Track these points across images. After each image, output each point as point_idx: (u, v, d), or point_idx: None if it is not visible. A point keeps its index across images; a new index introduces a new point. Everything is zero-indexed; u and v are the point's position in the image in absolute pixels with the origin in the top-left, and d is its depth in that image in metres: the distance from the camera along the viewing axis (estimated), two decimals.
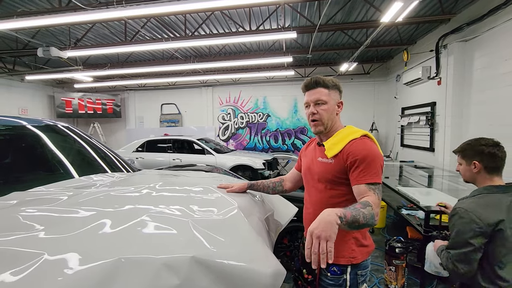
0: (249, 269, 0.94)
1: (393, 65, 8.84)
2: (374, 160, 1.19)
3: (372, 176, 1.17)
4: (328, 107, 1.30)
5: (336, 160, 1.26)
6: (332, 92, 1.32)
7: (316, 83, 1.31)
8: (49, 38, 6.28)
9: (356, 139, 1.24)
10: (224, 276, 0.91)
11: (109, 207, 1.22)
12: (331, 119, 1.31)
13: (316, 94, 1.31)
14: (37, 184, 1.68)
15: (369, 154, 1.19)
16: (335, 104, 1.33)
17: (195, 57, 7.73)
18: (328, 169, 1.28)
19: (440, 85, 5.80)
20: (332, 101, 1.32)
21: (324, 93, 1.30)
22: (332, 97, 1.32)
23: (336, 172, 1.25)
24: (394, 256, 2.64)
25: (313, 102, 1.31)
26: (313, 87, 1.32)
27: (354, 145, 1.23)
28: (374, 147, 1.23)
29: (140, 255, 0.88)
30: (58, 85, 10.59)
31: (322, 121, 1.30)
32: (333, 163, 1.27)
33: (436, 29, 6.07)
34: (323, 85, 1.31)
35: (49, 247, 0.88)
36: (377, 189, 1.16)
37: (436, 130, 6.10)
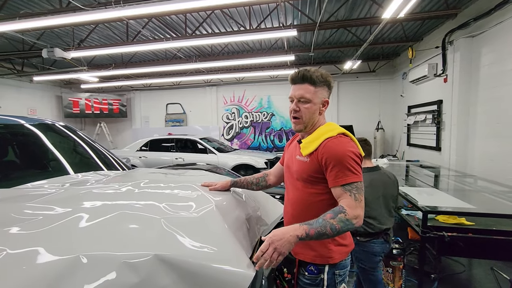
0: (215, 269, 0.92)
1: (400, 63, 8.67)
2: (348, 158, 1.13)
3: (347, 176, 1.12)
4: (311, 106, 1.23)
5: (311, 159, 1.21)
6: (319, 90, 1.24)
7: (303, 78, 1.23)
8: (54, 40, 6.40)
9: (331, 138, 1.19)
10: (189, 275, 0.89)
11: (85, 204, 1.22)
12: (312, 119, 1.26)
13: (301, 91, 1.24)
14: (30, 180, 1.71)
15: (343, 153, 1.14)
16: (319, 103, 1.26)
17: (198, 56, 7.75)
18: (304, 168, 1.24)
19: (447, 82, 5.65)
20: (317, 99, 1.25)
21: (310, 90, 1.23)
22: (317, 95, 1.24)
23: (311, 171, 1.21)
24: (391, 257, 2.57)
25: (297, 98, 1.25)
26: (299, 82, 1.24)
27: (328, 144, 1.18)
28: (349, 145, 1.18)
29: (102, 252, 0.87)
30: (66, 85, 10.80)
31: (303, 119, 1.25)
32: (308, 161, 1.23)
33: (443, 25, 5.91)
34: (310, 81, 1.23)
35: (13, 243, 0.88)
36: (354, 189, 1.12)
37: (443, 129, 5.94)
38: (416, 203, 2.61)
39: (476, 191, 3.65)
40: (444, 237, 2.29)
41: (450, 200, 2.94)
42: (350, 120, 9.36)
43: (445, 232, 2.32)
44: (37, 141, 2.28)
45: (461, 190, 3.69)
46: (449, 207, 2.62)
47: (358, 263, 2.24)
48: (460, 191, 3.66)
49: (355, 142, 1.23)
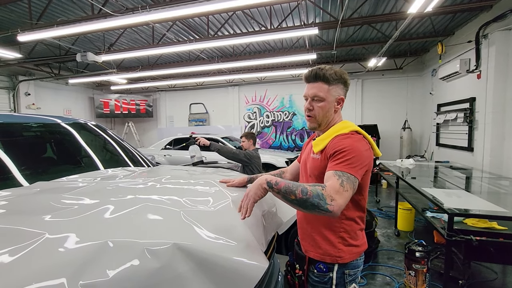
0: (229, 260, 0.96)
1: (429, 59, 8.26)
2: (352, 153, 1.10)
3: (344, 166, 1.08)
4: (325, 104, 1.23)
5: (322, 155, 1.21)
6: (333, 88, 1.23)
7: (316, 76, 1.23)
8: (87, 44, 6.83)
9: (343, 134, 1.18)
10: (204, 265, 0.94)
11: (112, 197, 1.32)
12: (326, 117, 1.25)
13: (314, 89, 1.23)
14: (65, 174, 1.86)
15: (350, 147, 1.11)
16: (334, 101, 1.25)
17: (220, 57, 7.90)
18: (316, 165, 1.24)
19: (480, 79, 5.31)
20: (331, 97, 1.23)
21: (323, 89, 1.22)
22: (331, 93, 1.23)
23: (322, 168, 1.20)
24: (414, 260, 2.49)
25: (311, 97, 1.25)
26: (313, 81, 1.24)
27: (338, 138, 1.17)
28: (361, 143, 1.15)
29: (126, 239, 0.94)
30: (97, 87, 11.46)
31: (316, 118, 1.25)
32: (319, 158, 1.22)
33: (476, 18, 5.56)
34: (323, 79, 1.21)
35: (51, 228, 0.99)
36: (345, 177, 1.05)
37: (475, 128, 5.60)
38: (442, 205, 2.50)
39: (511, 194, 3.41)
40: (472, 242, 2.19)
41: (481, 203, 2.77)
42: (375, 119, 9.07)
43: (473, 236, 2.21)
44: (72, 138, 2.46)
45: (495, 193, 3.46)
46: (478, 210, 2.48)
47: None
48: (494, 194, 3.44)
49: (369, 140, 1.21)
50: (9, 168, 1.74)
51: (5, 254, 0.86)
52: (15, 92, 8.28)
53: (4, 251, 0.87)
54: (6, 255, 0.85)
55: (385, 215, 5.02)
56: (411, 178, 3.99)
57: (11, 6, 4.84)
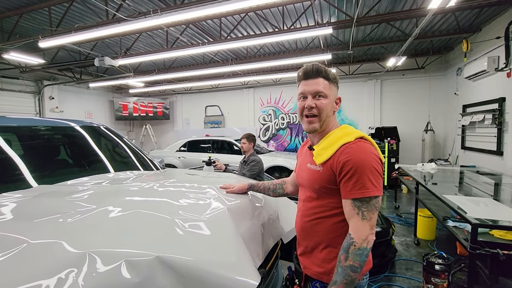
0: (217, 276, 0.89)
1: (453, 57, 7.83)
2: (367, 169, 1.01)
3: (364, 188, 1.00)
4: (328, 102, 1.13)
5: (325, 167, 1.09)
6: (332, 86, 1.16)
7: (317, 72, 1.13)
8: (105, 49, 7.05)
9: (350, 143, 1.06)
10: (189, 281, 0.88)
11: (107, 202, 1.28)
12: (328, 116, 1.14)
13: (316, 85, 1.13)
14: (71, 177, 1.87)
15: (363, 161, 1.02)
16: (334, 100, 1.17)
17: (234, 59, 7.90)
18: (315, 178, 1.13)
19: (510, 77, 4.94)
20: (332, 96, 1.15)
21: (326, 85, 1.13)
22: (332, 91, 1.15)
23: (324, 182, 1.10)
24: (432, 273, 2.30)
25: (312, 94, 1.13)
26: (314, 76, 1.14)
27: (347, 151, 1.05)
28: (370, 152, 1.05)
29: (108, 248, 0.89)
30: (117, 91, 11.84)
31: (320, 117, 1.12)
32: (321, 171, 1.11)
33: (506, 12, 5.18)
34: (325, 75, 1.13)
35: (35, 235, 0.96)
36: (364, 206, 1.00)
37: (505, 131, 5.21)
38: (464, 214, 2.30)
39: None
40: (499, 255, 1.98)
41: (510, 212, 2.53)
42: (394, 121, 8.71)
43: (500, 249, 2.00)
44: (83, 141, 2.49)
45: None
46: (507, 221, 2.25)
47: None
48: None
49: (376, 147, 1.09)
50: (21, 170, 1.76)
51: None
52: (40, 96, 8.70)
53: None
54: None
55: (404, 222, 4.76)
56: (433, 184, 3.75)
57: (33, 14, 5.08)
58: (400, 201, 6.20)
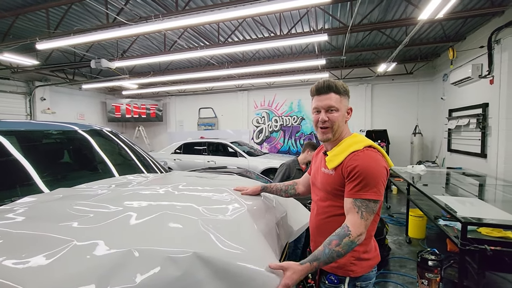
0: (246, 268, 0.99)
1: (440, 64, 8.18)
2: (371, 174, 1.13)
3: (363, 192, 1.12)
4: (340, 114, 1.25)
5: (336, 172, 1.22)
6: (343, 99, 1.28)
7: (328, 88, 1.25)
8: (101, 51, 7.03)
9: (358, 151, 1.18)
10: (223, 273, 0.97)
11: (133, 204, 1.37)
12: (340, 127, 1.27)
13: (328, 100, 1.25)
14: (81, 181, 1.92)
15: (368, 167, 1.13)
16: (345, 111, 1.29)
17: (230, 62, 8.00)
18: (328, 181, 1.26)
19: (493, 84, 5.23)
20: (344, 107, 1.28)
21: (336, 99, 1.25)
22: (343, 104, 1.27)
23: (335, 185, 1.22)
24: (426, 269, 2.46)
25: (324, 108, 1.26)
26: (325, 92, 1.26)
27: (354, 158, 1.17)
28: (376, 160, 1.16)
29: (149, 247, 0.98)
30: (110, 92, 11.73)
31: (333, 128, 1.26)
32: (333, 175, 1.23)
33: (488, 23, 5.50)
34: (336, 90, 1.25)
35: (78, 235, 1.04)
36: (364, 207, 1.11)
37: (489, 134, 5.50)
38: (455, 213, 2.48)
39: None
40: (486, 251, 2.16)
41: (495, 211, 2.73)
42: (384, 125, 9.00)
43: (487, 245, 2.18)
44: (88, 145, 2.54)
45: (510, 201, 3.40)
46: (492, 219, 2.44)
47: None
48: (508, 202, 3.38)
49: (383, 154, 1.21)
50: (30, 174, 1.81)
51: (37, 259, 0.91)
52: (31, 97, 8.55)
53: (36, 257, 0.92)
54: (38, 261, 0.90)
55: (396, 222, 4.96)
56: (423, 185, 3.95)
57: (30, 16, 5.04)
58: (391, 201, 6.43)
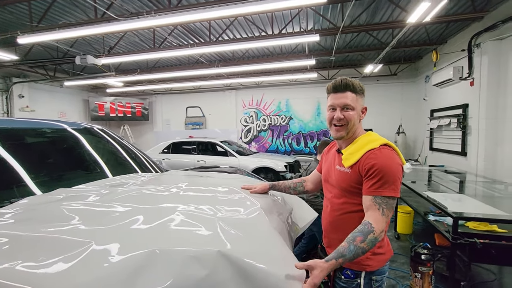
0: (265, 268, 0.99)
1: (422, 66, 8.51)
2: (389, 172, 1.15)
3: (383, 189, 1.14)
4: (354, 113, 1.26)
5: (353, 170, 1.23)
6: (359, 98, 1.29)
7: (345, 86, 1.26)
8: (86, 47, 6.77)
9: (375, 149, 1.20)
10: (246, 273, 0.97)
11: (143, 204, 1.34)
12: (355, 126, 1.28)
13: (344, 99, 1.26)
14: (77, 182, 1.85)
15: (385, 166, 1.15)
16: (360, 110, 1.30)
17: (219, 61, 7.94)
18: (344, 178, 1.27)
19: (473, 86, 5.51)
20: (359, 106, 1.29)
21: (353, 98, 1.26)
22: (359, 103, 1.28)
23: (352, 182, 1.24)
24: (419, 263, 2.56)
25: (340, 106, 1.26)
26: (342, 90, 1.26)
27: (371, 156, 1.19)
28: (393, 158, 1.19)
29: (172, 247, 0.97)
30: (93, 90, 11.33)
31: (348, 126, 1.26)
32: (350, 172, 1.25)
33: (468, 28, 5.78)
34: (352, 89, 1.26)
35: (95, 237, 1.00)
36: (384, 204, 1.14)
37: (469, 134, 5.79)
38: (446, 209, 2.60)
39: (507, 198, 3.55)
40: (476, 244, 2.28)
41: (480, 206, 2.89)
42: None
43: (476, 239, 2.30)
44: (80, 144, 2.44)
45: (491, 197, 3.60)
46: (479, 214, 2.58)
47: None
48: (489, 197, 3.58)
49: (398, 152, 1.23)
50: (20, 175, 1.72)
51: (58, 263, 0.87)
52: (9, 94, 8.10)
53: (55, 260, 0.88)
54: (59, 264, 0.87)
55: None
56: (411, 182, 4.10)
57: (10, 8, 4.78)
58: None
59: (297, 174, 7.14)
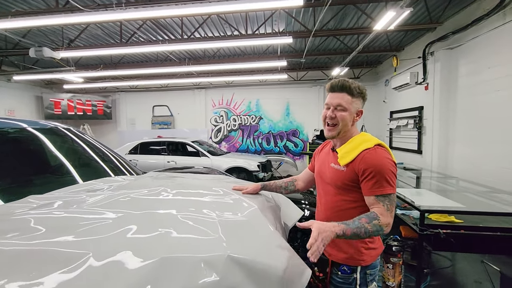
0: (277, 268, 1.00)
1: (382, 70, 9.13)
2: (386, 170, 1.21)
3: (383, 187, 1.20)
4: (347, 114, 1.29)
5: (349, 168, 1.28)
6: (355, 100, 1.31)
7: (342, 87, 1.29)
8: (40, 38, 6.15)
9: (369, 149, 1.25)
10: (256, 274, 0.97)
11: (135, 209, 1.26)
12: (346, 126, 1.32)
13: (338, 99, 1.30)
14: (46, 189, 1.67)
15: (381, 166, 1.21)
16: (354, 113, 1.32)
17: (190, 59, 7.74)
18: (339, 176, 1.31)
19: (428, 90, 6.05)
20: (353, 109, 1.31)
21: (347, 100, 1.29)
22: (353, 105, 1.31)
23: (347, 180, 1.29)
24: (391, 254, 2.75)
25: (334, 106, 1.31)
26: (338, 91, 1.31)
27: (367, 156, 1.24)
28: (387, 157, 1.25)
29: (180, 254, 0.93)
30: (47, 85, 10.32)
31: (337, 126, 1.31)
32: (345, 171, 1.29)
33: (423, 37, 6.34)
34: (348, 91, 1.29)
35: (93, 248, 0.92)
36: (387, 200, 1.19)
37: (424, 133, 6.35)
38: (413, 203, 2.83)
39: (458, 191, 3.97)
40: (440, 234, 2.52)
41: (439, 199, 3.19)
42: None
43: (440, 229, 2.54)
44: (44, 146, 2.24)
45: (446, 190, 3.98)
46: (442, 207, 2.85)
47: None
48: (444, 191, 3.96)
49: (390, 152, 1.30)
50: None
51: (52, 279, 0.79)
52: None
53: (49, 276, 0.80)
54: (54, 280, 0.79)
55: None
56: None
57: None
58: None
59: (269, 173, 7.25)
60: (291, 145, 10.34)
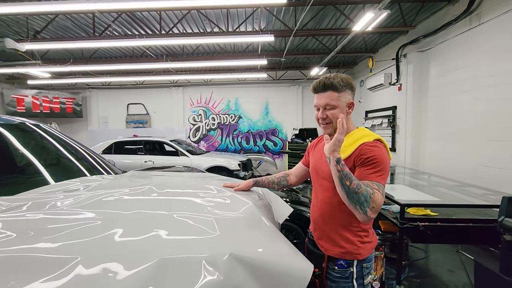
0: (279, 264, 0.98)
1: (358, 71, 9.44)
2: (384, 163, 1.21)
3: (378, 176, 1.19)
4: (337, 111, 1.28)
5: (347, 162, 1.25)
6: (342, 94, 1.29)
7: (324, 86, 1.28)
8: (2, 28, 5.63)
9: (369, 143, 1.25)
10: (258, 271, 0.94)
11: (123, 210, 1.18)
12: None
13: (325, 99, 1.29)
14: (12, 189, 1.52)
15: (380, 157, 1.21)
16: (345, 106, 1.31)
17: (167, 56, 7.49)
18: None
19: (401, 90, 6.34)
20: (342, 103, 1.29)
21: (334, 97, 1.28)
22: (342, 100, 1.29)
23: None
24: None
25: (322, 106, 1.30)
26: (322, 91, 1.29)
27: (366, 147, 1.24)
28: (384, 152, 1.25)
29: (180, 254, 0.87)
30: (8, 80, 9.51)
31: (331, 124, 1.30)
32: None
33: (397, 40, 6.63)
34: (332, 88, 1.27)
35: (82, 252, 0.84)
36: (381, 188, 1.18)
37: (397, 132, 6.65)
38: (393, 197, 2.93)
39: (431, 186, 4.19)
40: (418, 227, 2.63)
41: (416, 193, 3.34)
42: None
43: (419, 222, 2.66)
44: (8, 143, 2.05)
45: (419, 185, 4.19)
46: (418, 201, 2.99)
47: None
48: (418, 186, 4.16)
49: (388, 150, 1.31)
50: None
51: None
52: None
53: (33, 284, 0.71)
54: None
55: None
56: None
57: None
58: None
59: (250, 172, 7.23)
60: (271, 144, 10.38)
